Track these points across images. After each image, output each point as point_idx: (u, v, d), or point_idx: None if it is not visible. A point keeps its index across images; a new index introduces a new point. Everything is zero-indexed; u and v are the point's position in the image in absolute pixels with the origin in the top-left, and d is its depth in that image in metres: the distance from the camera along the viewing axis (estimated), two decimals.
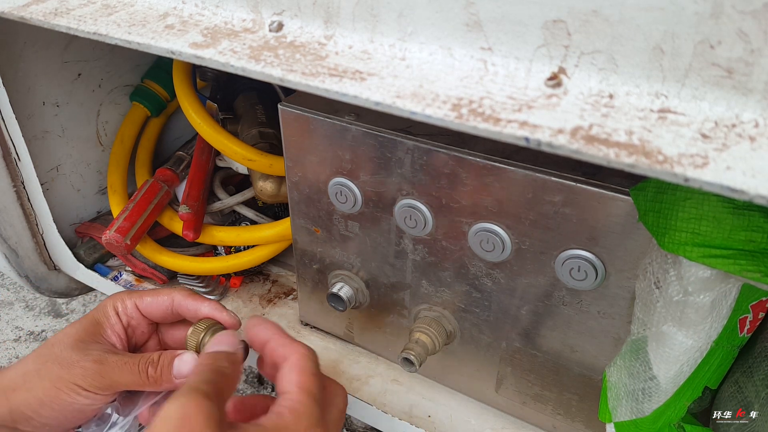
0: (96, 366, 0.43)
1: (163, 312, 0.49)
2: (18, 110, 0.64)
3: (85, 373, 0.42)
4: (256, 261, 0.72)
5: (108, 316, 0.48)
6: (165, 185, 0.72)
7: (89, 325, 0.47)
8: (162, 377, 0.44)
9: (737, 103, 0.25)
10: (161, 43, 0.38)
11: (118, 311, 0.48)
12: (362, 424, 0.89)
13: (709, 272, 0.33)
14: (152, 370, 0.44)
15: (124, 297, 0.49)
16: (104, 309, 0.48)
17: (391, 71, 0.32)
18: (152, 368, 0.44)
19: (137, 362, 0.44)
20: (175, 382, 0.45)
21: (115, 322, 0.48)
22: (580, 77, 0.29)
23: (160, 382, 0.44)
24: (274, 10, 0.37)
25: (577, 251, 0.40)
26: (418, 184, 0.45)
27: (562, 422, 0.50)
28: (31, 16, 0.44)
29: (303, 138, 0.49)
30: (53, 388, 0.42)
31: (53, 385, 0.42)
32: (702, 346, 0.36)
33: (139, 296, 0.49)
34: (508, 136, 0.27)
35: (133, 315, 0.49)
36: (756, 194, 0.22)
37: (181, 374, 0.45)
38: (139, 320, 0.49)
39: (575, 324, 0.44)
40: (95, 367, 0.43)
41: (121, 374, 0.44)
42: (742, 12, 0.24)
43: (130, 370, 0.44)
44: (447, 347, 0.53)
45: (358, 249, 0.53)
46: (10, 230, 0.69)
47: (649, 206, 0.35)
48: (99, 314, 0.48)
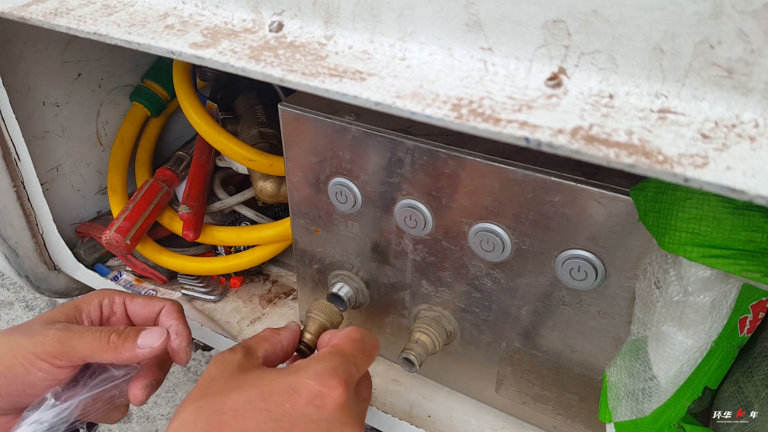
0: (57, 333, 0.43)
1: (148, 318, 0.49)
2: (18, 110, 0.64)
3: (44, 340, 0.42)
4: (256, 261, 0.72)
5: (90, 304, 0.48)
6: (165, 185, 0.72)
7: (68, 309, 0.47)
8: (124, 345, 0.44)
9: (737, 103, 0.25)
10: (161, 43, 0.38)
11: (103, 304, 0.48)
12: None
13: (709, 272, 0.33)
14: (115, 336, 0.44)
15: (114, 293, 0.49)
16: (89, 298, 0.48)
17: (391, 71, 0.32)
18: (116, 335, 0.44)
19: (100, 329, 0.44)
20: (136, 352, 0.44)
21: (95, 312, 0.48)
22: (580, 77, 0.29)
23: (121, 349, 0.44)
24: (274, 10, 0.37)
25: (577, 251, 0.40)
26: (418, 184, 0.45)
27: (562, 422, 0.50)
28: (31, 16, 0.44)
29: (303, 138, 0.49)
30: (11, 356, 0.42)
31: (12, 353, 0.42)
32: (702, 346, 0.36)
33: (131, 297, 0.50)
34: (508, 137, 0.27)
35: (117, 311, 0.49)
36: (756, 194, 0.22)
37: (146, 344, 0.44)
38: (120, 318, 0.49)
39: (575, 324, 0.44)
40: (56, 334, 0.43)
41: (81, 339, 0.43)
42: (742, 12, 0.24)
43: (91, 335, 0.44)
44: (447, 347, 0.53)
45: (358, 249, 0.53)
46: (10, 230, 0.69)
47: (649, 206, 0.35)
48: (82, 302, 0.48)
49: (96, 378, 0.46)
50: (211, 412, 0.36)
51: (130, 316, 0.50)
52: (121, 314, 0.49)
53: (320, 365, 0.38)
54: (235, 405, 0.36)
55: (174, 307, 0.50)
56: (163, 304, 0.49)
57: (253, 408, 0.36)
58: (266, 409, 0.36)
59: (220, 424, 0.35)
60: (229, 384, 0.38)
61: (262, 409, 0.36)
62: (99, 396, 0.46)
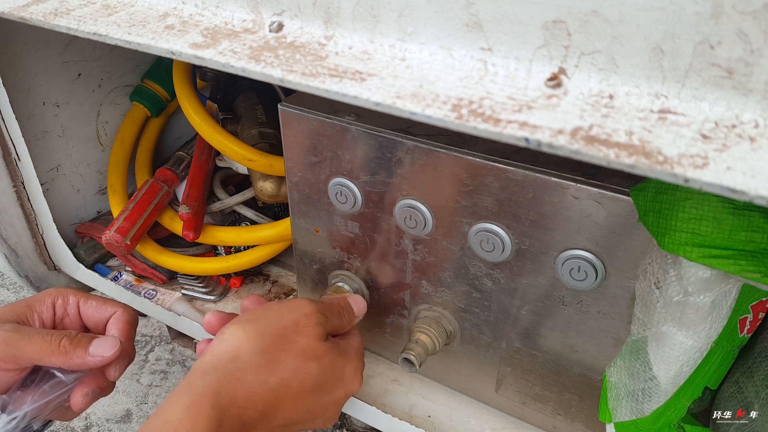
0: (5, 335, 0.42)
1: (100, 322, 0.48)
2: (18, 110, 0.64)
3: None
4: (256, 261, 0.72)
5: (44, 303, 0.47)
6: (165, 185, 0.72)
7: (19, 307, 0.46)
8: (75, 351, 0.43)
9: (737, 104, 0.25)
10: (161, 44, 0.38)
11: (56, 304, 0.47)
12: (362, 424, 0.89)
13: (709, 272, 0.32)
14: (67, 341, 0.43)
15: (69, 293, 0.48)
16: (43, 297, 0.47)
17: (391, 71, 0.32)
18: (67, 340, 0.43)
19: (51, 333, 0.43)
20: (86, 359, 0.43)
21: (47, 312, 0.47)
22: (580, 77, 0.29)
23: (72, 355, 0.43)
24: (274, 11, 0.37)
25: (577, 251, 0.40)
26: (418, 184, 0.45)
27: (562, 422, 0.50)
28: (31, 16, 0.44)
29: (303, 138, 0.49)
30: None
31: None
32: (702, 346, 0.36)
33: (85, 298, 0.48)
34: (508, 137, 0.27)
35: (70, 312, 0.47)
36: (756, 195, 0.22)
37: (97, 353, 0.43)
38: (74, 320, 0.48)
39: (575, 324, 0.44)
40: (3, 336, 0.42)
41: (31, 341, 0.42)
42: (742, 12, 0.24)
43: (42, 339, 0.42)
44: (447, 347, 0.53)
45: (358, 249, 0.53)
46: (10, 230, 0.69)
47: (649, 206, 0.35)
48: (34, 300, 0.47)
49: (45, 383, 0.45)
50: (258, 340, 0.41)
51: (83, 318, 0.48)
52: (75, 315, 0.47)
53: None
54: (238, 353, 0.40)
55: (124, 316, 0.48)
56: (115, 310, 0.47)
57: (252, 349, 0.40)
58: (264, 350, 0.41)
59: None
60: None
61: (260, 351, 0.41)
62: (47, 403, 0.44)
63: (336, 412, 0.45)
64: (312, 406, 0.42)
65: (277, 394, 0.39)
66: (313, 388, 0.41)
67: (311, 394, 0.41)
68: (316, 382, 0.42)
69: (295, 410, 0.40)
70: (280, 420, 0.40)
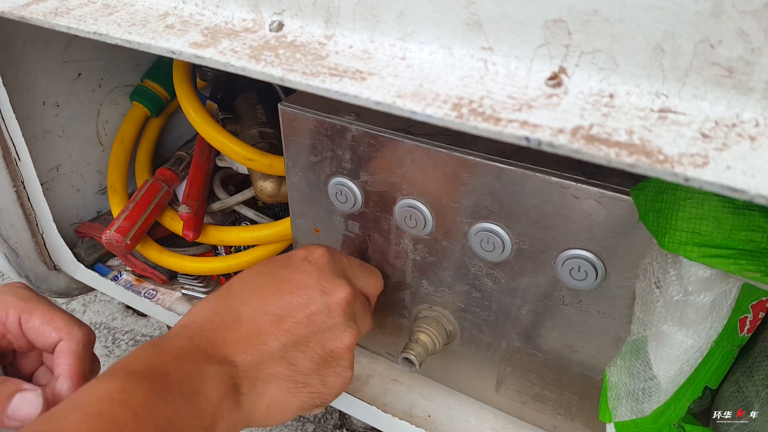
0: None
1: (45, 345, 0.41)
2: (18, 110, 0.64)
3: None
4: (257, 261, 0.72)
5: None
6: (165, 185, 0.72)
7: None
8: None
9: (737, 103, 0.25)
10: (161, 43, 0.38)
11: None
12: (362, 424, 0.89)
13: (710, 272, 0.32)
14: None
15: (9, 306, 0.40)
16: None
17: (392, 71, 0.32)
18: None
19: None
20: (5, 422, 0.36)
21: None
22: (581, 77, 0.29)
23: None
24: (275, 10, 0.37)
25: (577, 251, 0.40)
26: (418, 184, 0.45)
27: (562, 422, 0.50)
28: (31, 15, 0.44)
29: (303, 138, 0.49)
30: None
31: None
32: (702, 345, 0.36)
33: (28, 314, 0.40)
34: (509, 136, 0.27)
35: (11, 329, 0.41)
36: (756, 194, 0.22)
37: (16, 416, 0.36)
38: (16, 337, 0.41)
39: (575, 324, 0.44)
40: None
41: None
42: (742, 11, 0.24)
43: None
44: (447, 347, 0.53)
45: (358, 249, 0.53)
46: (10, 230, 0.69)
47: (649, 206, 0.35)
48: None
49: None
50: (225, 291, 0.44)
51: (27, 336, 0.41)
52: (17, 333, 0.41)
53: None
54: (241, 277, 0.45)
55: (71, 345, 0.40)
56: (59, 337, 0.40)
57: (255, 272, 0.44)
58: (266, 271, 0.44)
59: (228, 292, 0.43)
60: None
61: (263, 273, 0.44)
62: None
63: (341, 321, 0.43)
64: (288, 304, 0.41)
65: (231, 288, 0.43)
66: (271, 273, 0.44)
67: (266, 277, 0.44)
68: (281, 276, 0.44)
69: (261, 306, 0.41)
70: (252, 324, 0.40)
